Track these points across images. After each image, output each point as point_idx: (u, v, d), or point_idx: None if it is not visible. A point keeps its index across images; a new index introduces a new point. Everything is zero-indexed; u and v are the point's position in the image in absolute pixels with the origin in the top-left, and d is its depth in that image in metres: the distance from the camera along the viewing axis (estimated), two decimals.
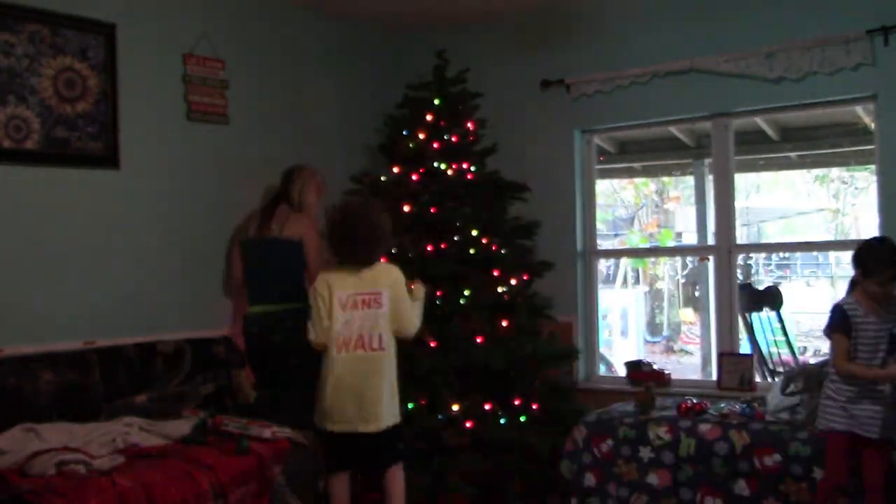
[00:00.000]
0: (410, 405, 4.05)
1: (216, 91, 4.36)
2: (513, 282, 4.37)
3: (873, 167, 4.51)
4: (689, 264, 9.69)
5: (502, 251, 4.34)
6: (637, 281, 10.27)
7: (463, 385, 4.10)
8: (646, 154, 6.86)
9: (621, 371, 5.06)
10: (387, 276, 3.49)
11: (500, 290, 4.33)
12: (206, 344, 4.05)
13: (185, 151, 4.23)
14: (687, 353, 9.09)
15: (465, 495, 4.02)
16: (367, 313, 3.41)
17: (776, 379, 5.54)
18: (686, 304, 9.71)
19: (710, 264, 4.80)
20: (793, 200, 10.76)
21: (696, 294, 8.41)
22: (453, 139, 4.47)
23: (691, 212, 7.99)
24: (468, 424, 4.01)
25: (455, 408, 4.04)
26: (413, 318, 3.52)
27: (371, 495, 3.79)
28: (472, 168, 4.47)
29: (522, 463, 4.12)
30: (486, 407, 4.09)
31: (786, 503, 3.56)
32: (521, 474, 4.17)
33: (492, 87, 4.80)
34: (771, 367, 6.36)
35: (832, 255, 10.29)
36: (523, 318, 4.36)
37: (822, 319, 3.51)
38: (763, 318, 6.56)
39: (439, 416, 4.04)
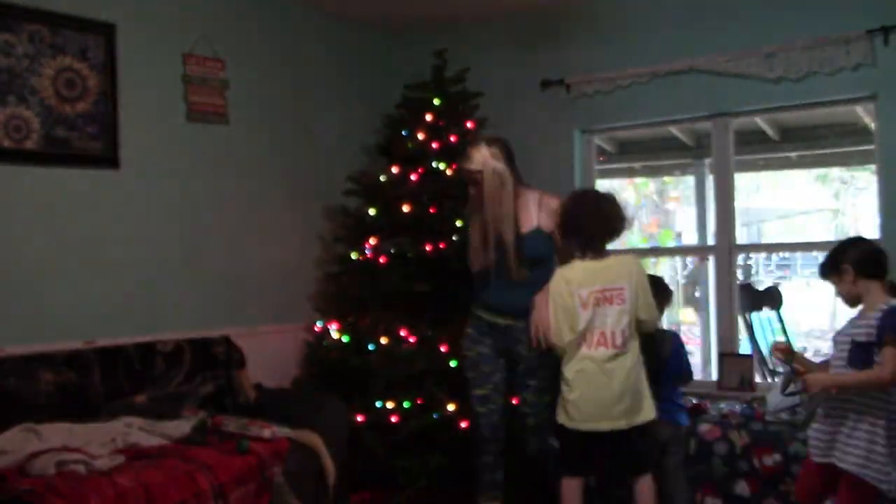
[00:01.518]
0: (406, 404, 4.05)
1: (216, 91, 4.36)
2: None
3: (873, 167, 4.51)
4: (689, 264, 9.68)
5: None
6: None
7: (459, 384, 4.09)
8: (646, 154, 6.86)
9: None
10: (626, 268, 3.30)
11: None
12: (206, 344, 4.05)
13: (185, 151, 4.23)
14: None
15: (461, 493, 4.02)
16: (609, 309, 3.26)
17: (776, 379, 5.54)
18: (686, 305, 9.70)
19: (710, 264, 4.80)
20: (793, 200, 10.75)
21: (696, 294, 8.41)
22: (452, 139, 4.47)
23: (691, 212, 8.00)
24: (463, 424, 4.00)
25: (451, 407, 4.04)
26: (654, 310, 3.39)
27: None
28: None
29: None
30: None
31: (786, 503, 3.56)
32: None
33: (492, 87, 4.80)
34: (771, 367, 6.35)
35: None
36: None
37: (822, 319, 3.51)
38: (763, 319, 6.56)
39: (434, 416, 4.04)
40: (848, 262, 2.92)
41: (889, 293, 2.92)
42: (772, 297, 6.61)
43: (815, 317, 9.70)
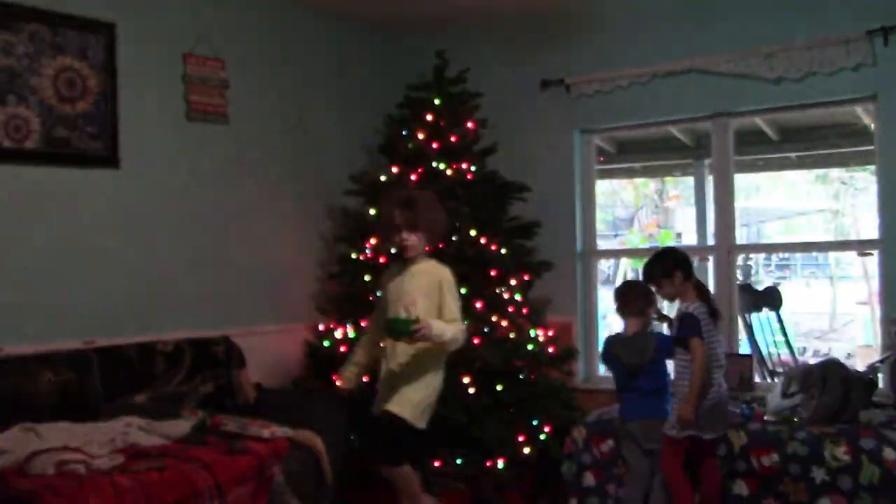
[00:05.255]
0: None
1: (216, 91, 4.36)
2: (513, 282, 4.37)
3: (873, 167, 4.51)
4: None
5: (502, 251, 4.34)
6: None
7: (458, 385, 4.09)
8: (646, 154, 6.85)
9: None
10: (426, 279, 3.36)
11: (497, 290, 4.33)
12: (206, 344, 4.05)
13: (184, 151, 4.23)
14: None
15: (459, 494, 4.02)
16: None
17: (776, 379, 5.54)
18: None
19: (710, 264, 4.80)
20: (793, 200, 10.76)
21: None
22: (453, 139, 4.47)
23: (691, 212, 7.99)
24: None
25: None
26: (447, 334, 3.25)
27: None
28: (472, 168, 4.47)
29: (519, 463, 4.12)
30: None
31: (785, 503, 3.56)
32: (518, 474, 4.17)
33: (492, 87, 4.80)
34: (770, 367, 6.35)
35: (832, 255, 10.29)
36: (521, 317, 4.36)
37: (822, 320, 3.53)
38: (762, 319, 6.56)
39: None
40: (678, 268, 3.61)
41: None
42: (771, 298, 6.61)
43: (814, 317, 9.71)
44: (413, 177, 4.42)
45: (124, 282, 3.95)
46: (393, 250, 3.78)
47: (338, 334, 4.45)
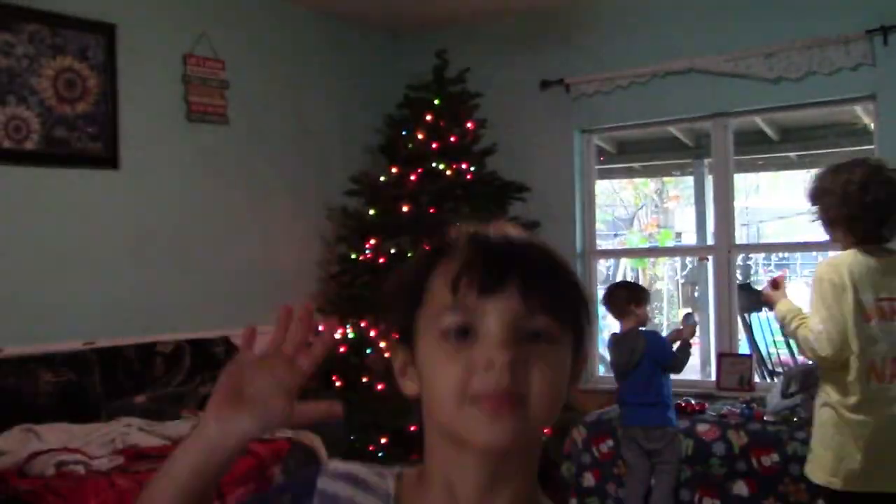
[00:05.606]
0: None
1: (216, 91, 4.36)
2: None
3: None
4: (688, 264, 9.68)
5: None
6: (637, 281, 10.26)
7: None
8: (645, 154, 6.86)
9: None
10: None
11: None
12: (206, 344, 4.05)
13: (184, 151, 4.23)
14: None
15: None
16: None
17: (776, 379, 5.54)
18: (685, 305, 9.70)
19: (710, 264, 4.80)
20: (792, 200, 10.76)
21: (696, 294, 8.41)
22: (452, 139, 4.47)
23: (691, 212, 8.00)
24: None
25: None
26: None
27: None
28: (472, 168, 4.47)
29: None
30: None
31: (785, 503, 3.56)
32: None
33: (492, 87, 4.80)
34: (770, 367, 6.35)
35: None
36: None
37: None
38: (762, 319, 6.55)
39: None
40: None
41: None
42: None
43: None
44: (412, 177, 4.42)
45: (124, 282, 3.95)
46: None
47: (337, 335, 4.45)
